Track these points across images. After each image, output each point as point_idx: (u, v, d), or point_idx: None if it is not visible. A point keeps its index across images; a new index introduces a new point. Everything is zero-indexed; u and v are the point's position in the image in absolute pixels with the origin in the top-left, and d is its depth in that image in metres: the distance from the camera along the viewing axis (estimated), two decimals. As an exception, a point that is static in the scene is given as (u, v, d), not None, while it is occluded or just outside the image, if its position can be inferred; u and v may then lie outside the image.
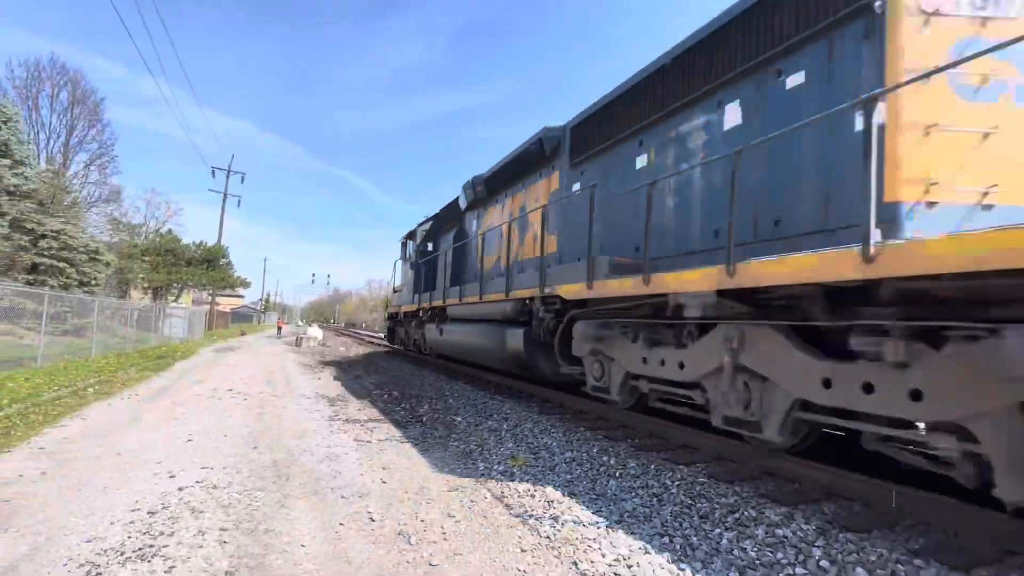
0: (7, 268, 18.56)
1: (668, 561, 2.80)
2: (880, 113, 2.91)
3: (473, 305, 9.01)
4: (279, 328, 38.71)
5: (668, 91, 5.41)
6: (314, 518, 3.35)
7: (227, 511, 3.39)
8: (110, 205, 31.91)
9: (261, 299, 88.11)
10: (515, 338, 7.37)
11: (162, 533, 3.00)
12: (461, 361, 11.55)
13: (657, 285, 4.44)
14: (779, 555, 2.80)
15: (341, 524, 3.27)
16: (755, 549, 2.88)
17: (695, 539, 3.06)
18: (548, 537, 3.17)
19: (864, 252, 2.77)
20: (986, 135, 3.28)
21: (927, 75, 2.85)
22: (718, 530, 3.15)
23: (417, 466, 4.65)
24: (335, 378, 11.48)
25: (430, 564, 2.78)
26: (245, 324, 55.53)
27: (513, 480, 4.26)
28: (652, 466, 4.40)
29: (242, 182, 38.89)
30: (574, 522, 3.36)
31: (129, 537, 2.94)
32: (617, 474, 4.29)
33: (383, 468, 4.53)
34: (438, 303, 11.09)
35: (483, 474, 4.47)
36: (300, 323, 54.10)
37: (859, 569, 2.59)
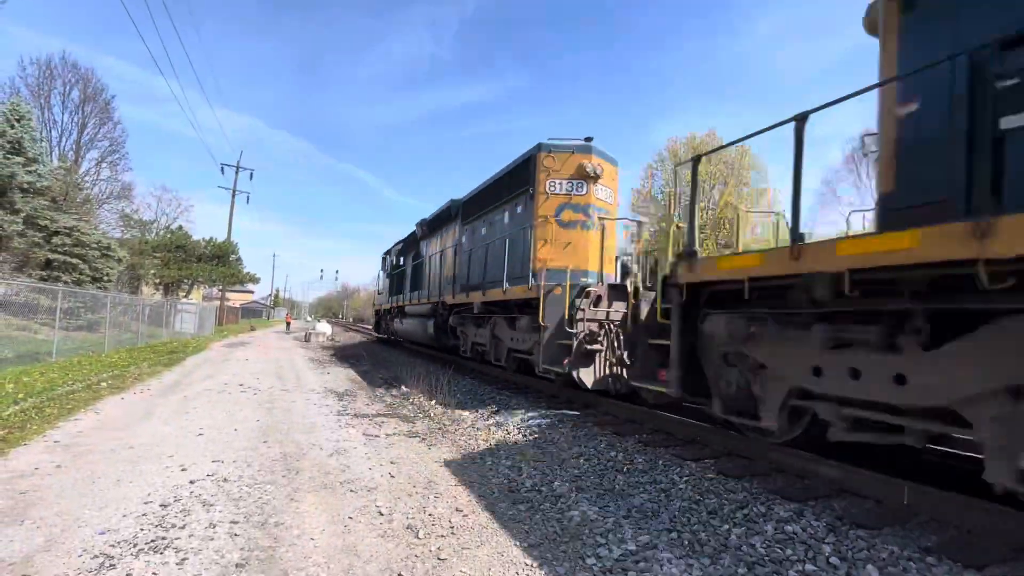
0: (22, 264, 18.84)
1: (676, 557, 2.79)
2: (530, 232, 8.22)
3: (415, 305, 14.93)
4: (287, 324, 39.15)
5: (490, 198, 10.25)
6: (323, 512, 3.38)
7: (238, 504, 3.43)
8: (121, 202, 32.21)
9: (270, 295, 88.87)
10: (430, 326, 12.98)
11: (174, 526, 3.04)
12: (409, 341, 17.99)
13: (508, 293, 8.24)
14: (788, 551, 2.78)
15: (350, 518, 3.29)
16: (764, 545, 2.87)
17: (703, 535, 3.04)
18: (556, 532, 3.17)
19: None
20: (567, 244, 8.11)
21: (548, 218, 8.14)
22: (727, 526, 3.13)
23: (425, 460, 4.67)
24: (343, 373, 11.56)
25: (438, 558, 2.80)
26: (255, 320, 56.05)
27: (521, 475, 4.26)
28: (660, 461, 4.39)
29: (251, 179, 39.03)
30: (581, 517, 3.36)
31: (142, 529, 2.98)
32: (625, 469, 4.28)
33: (391, 462, 4.56)
34: (401, 303, 16.87)
35: (491, 469, 4.48)
36: (309, 319, 54.40)
37: (870, 566, 2.56)
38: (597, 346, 6.39)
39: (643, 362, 5.26)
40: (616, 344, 6.45)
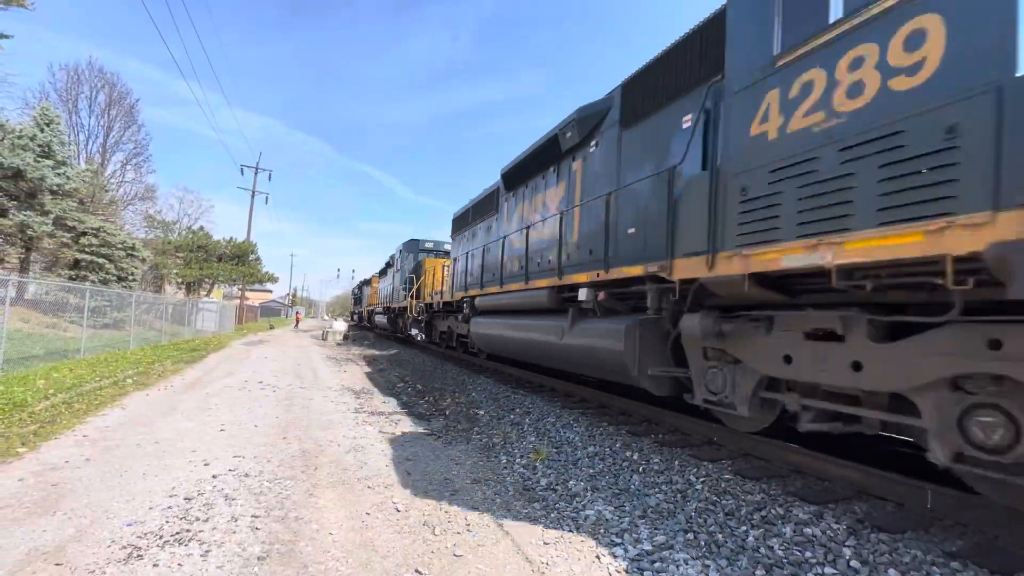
0: (51, 264, 19.44)
1: (692, 558, 2.77)
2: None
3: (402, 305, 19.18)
4: (296, 321, 40.45)
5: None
6: (341, 507, 3.44)
7: (258, 499, 3.50)
8: (145, 203, 33.09)
9: (288, 294, 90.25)
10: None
11: (198, 519, 3.12)
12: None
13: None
14: (807, 554, 2.75)
15: (367, 513, 3.34)
16: (782, 547, 2.83)
17: (720, 536, 3.02)
18: (571, 531, 3.18)
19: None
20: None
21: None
22: (744, 527, 3.10)
23: (441, 458, 4.71)
24: (360, 371, 11.70)
25: (454, 555, 2.83)
26: (273, 318, 56.92)
27: (536, 474, 4.28)
28: (676, 462, 4.36)
29: (269, 179, 39.95)
30: (597, 516, 3.36)
31: (167, 522, 3.06)
32: (640, 469, 4.26)
33: (407, 460, 4.60)
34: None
35: (506, 467, 4.50)
36: (326, 317, 55.07)
37: (892, 570, 2.52)
38: None
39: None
40: None
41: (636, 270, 5.00)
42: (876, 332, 3.18)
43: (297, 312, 49.28)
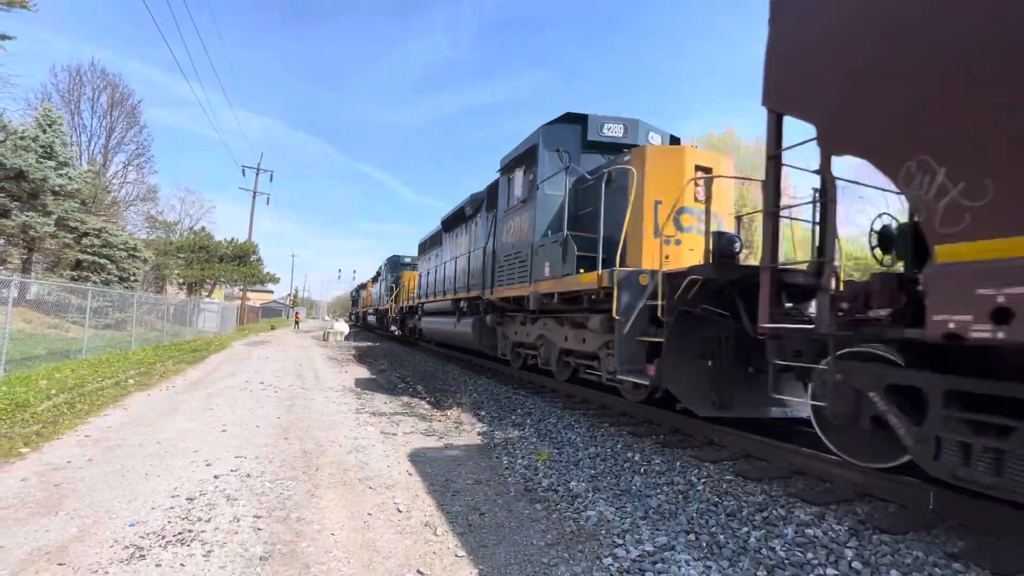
0: (54, 264, 19.50)
1: (694, 559, 2.77)
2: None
3: (385, 308, 23.72)
4: (296, 322, 40.87)
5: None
6: (343, 507, 3.44)
7: (260, 499, 3.51)
8: (147, 203, 33.20)
9: (290, 294, 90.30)
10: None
11: (200, 519, 3.13)
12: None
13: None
14: (809, 555, 2.75)
15: (369, 514, 3.35)
16: (784, 549, 2.83)
17: (722, 537, 3.02)
18: (572, 532, 3.18)
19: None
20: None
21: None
22: (745, 528, 3.10)
23: (442, 459, 4.71)
24: (361, 372, 11.71)
25: (456, 555, 2.83)
26: (274, 319, 57.00)
27: (537, 474, 4.28)
28: (678, 463, 4.36)
29: (271, 180, 40.08)
30: (598, 517, 3.36)
31: (169, 522, 3.07)
32: (642, 470, 4.26)
33: (409, 460, 4.61)
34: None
35: (507, 468, 4.51)
36: (327, 318, 55.23)
37: (894, 571, 2.52)
38: None
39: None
40: None
41: (476, 293, 10.17)
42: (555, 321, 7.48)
43: (297, 313, 49.45)
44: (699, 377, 4.66)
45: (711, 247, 4.57)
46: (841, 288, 3.64)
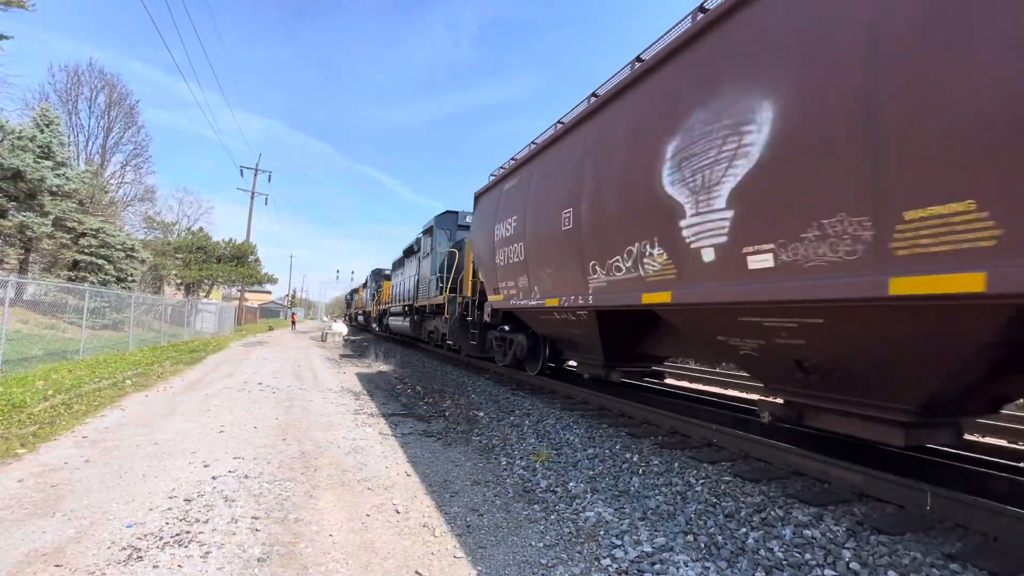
0: (51, 265, 19.43)
1: (692, 559, 2.78)
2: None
3: (370, 310, 29.21)
4: (292, 323, 41.08)
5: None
6: (341, 509, 3.43)
7: (258, 500, 3.50)
8: (145, 204, 33.10)
9: (288, 295, 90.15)
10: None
11: (198, 520, 3.12)
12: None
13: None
14: (807, 556, 2.75)
15: (367, 515, 3.34)
16: (782, 549, 2.84)
17: (720, 538, 3.02)
18: (571, 533, 3.18)
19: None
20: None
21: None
22: (744, 529, 3.10)
23: (440, 460, 4.71)
24: (359, 372, 11.70)
25: (454, 556, 2.83)
26: (272, 319, 56.89)
27: (536, 475, 4.28)
28: (676, 464, 4.36)
29: (269, 181, 40.04)
30: (597, 518, 3.36)
31: (167, 523, 3.06)
32: (640, 471, 4.27)
33: (407, 461, 4.60)
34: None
35: (506, 469, 4.50)
36: (325, 319, 55.28)
37: (891, 572, 2.52)
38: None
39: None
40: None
41: (411, 302, 16.04)
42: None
43: (293, 313, 49.51)
44: (469, 342, 10.70)
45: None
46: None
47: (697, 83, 3.84)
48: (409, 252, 17.42)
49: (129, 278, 20.80)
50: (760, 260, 3.27)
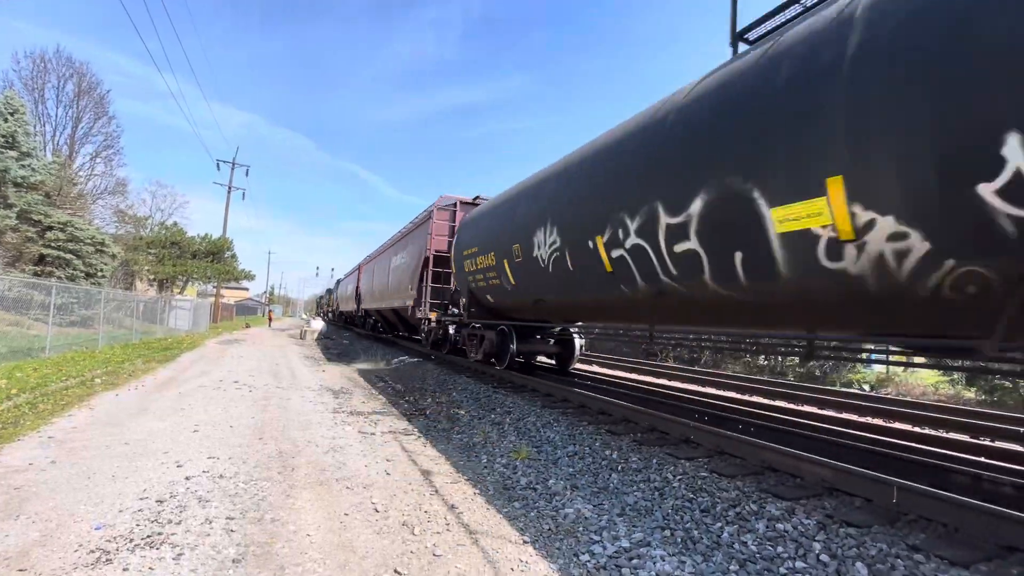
0: (15, 259, 18.70)
1: (669, 554, 2.82)
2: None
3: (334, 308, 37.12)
4: (269, 320, 40.59)
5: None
6: (319, 508, 3.40)
7: (234, 500, 3.44)
8: (116, 197, 32.05)
9: (265, 292, 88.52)
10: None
11: (170, 521, 3.05)
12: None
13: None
14: (779, 549, 2.82)
15: (346, 514, 3.31)
16: (756, 543, 2.90)
17: (696, 532, 3.08)
18: (550, 529, 3.20)
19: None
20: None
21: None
22: (719, 524, 3.17)
23: (420, 458, 4.69)
24: (338, 370, 11.56)
25: (434, 554, 2.82)
26: (250, 317, 55.84)
27: (516, 473, 4.29)
28: (654, 460, 4.42)
29: (247, 175, 38.96)
30: (576, 515, 3.39)
31: (138, 525, 2.98)
32: (619, 468, 4.32)
33: (387, 460, 4.57)
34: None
35: (486, 467, 4.51)
36: (304, 316, 54.63)
37: (859, 563, 2.61)
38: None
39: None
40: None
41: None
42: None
43: (270, 311, 48.75)
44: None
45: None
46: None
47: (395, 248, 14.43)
48: (348, 274, 26.20)
49: (99, 273, 20.17)
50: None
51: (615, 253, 5.07)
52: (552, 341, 9.56)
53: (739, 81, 3.88)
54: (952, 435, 5.38)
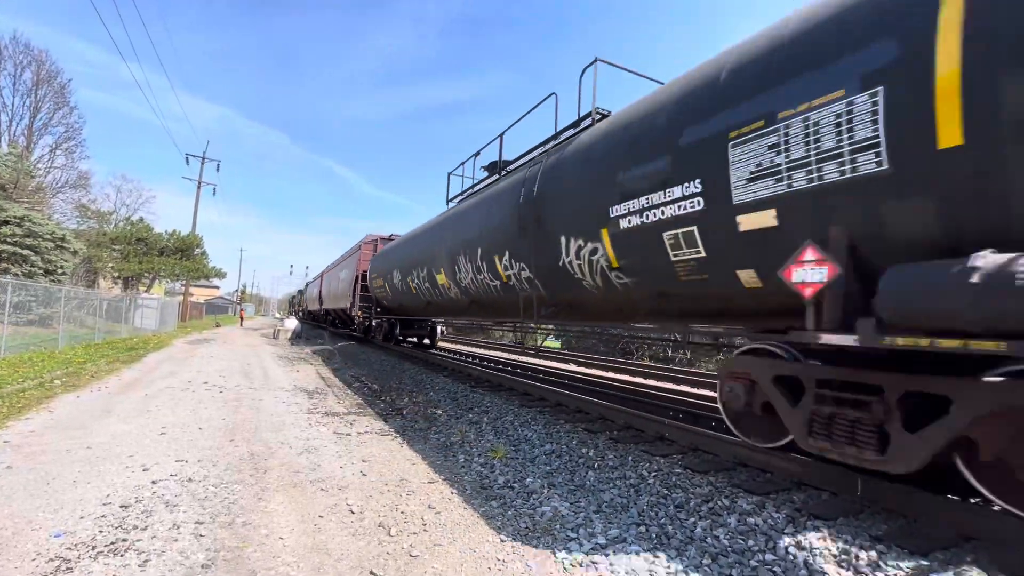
0: (-34, 255, 17.77)
1: (644, 549, 2.87)
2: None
3: (304, 307, 39.26)
4: (240, 319, 39.98)
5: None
6: (293, 511, 3.33)
7: (203, 504, 3.34)
8: (77, 191, 30.81)
9: (237, 290, 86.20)
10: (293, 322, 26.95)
11: (135, 527, 2.95)
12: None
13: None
14: (750, 542, 2.90)
15: (320, 516, 3.26)
16: (727, 537, 2.97)
17: (670, 528, 3.13)
18: (528, 528, 3.21)
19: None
20: None
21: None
22: (692, 519, 3.23)
23: (397, 459, 4.65)
24: (313, 370, 11.36)
25: (410, 555, 2.80)
26: (220, 316, 54.43)
27: (493, 472, 4.29)
28: (630, 457, 4.48)
29: (218, 170, 37.70)
30: (553, 513, 3.41)
31: (101, 531, 2.88)
32: (596, 465, 4.36)
33: (363, 461, 4.52)
34: (304, 308, 39.57)
35: (463, 466, 4.50)
36: (278, 315, 53.61)
37: (825, 554, 2.69)
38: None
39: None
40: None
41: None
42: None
43: (241, 310, 47.62)
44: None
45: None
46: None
47: (342, 266, 19.80)
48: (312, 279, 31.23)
49: (59, 271, 19.34)
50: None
51: (421, 282, 10.15)
52: (421, 328, 16.19)
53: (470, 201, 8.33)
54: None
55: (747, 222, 3.29)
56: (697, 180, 3.58)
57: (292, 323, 24.76)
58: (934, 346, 2.42)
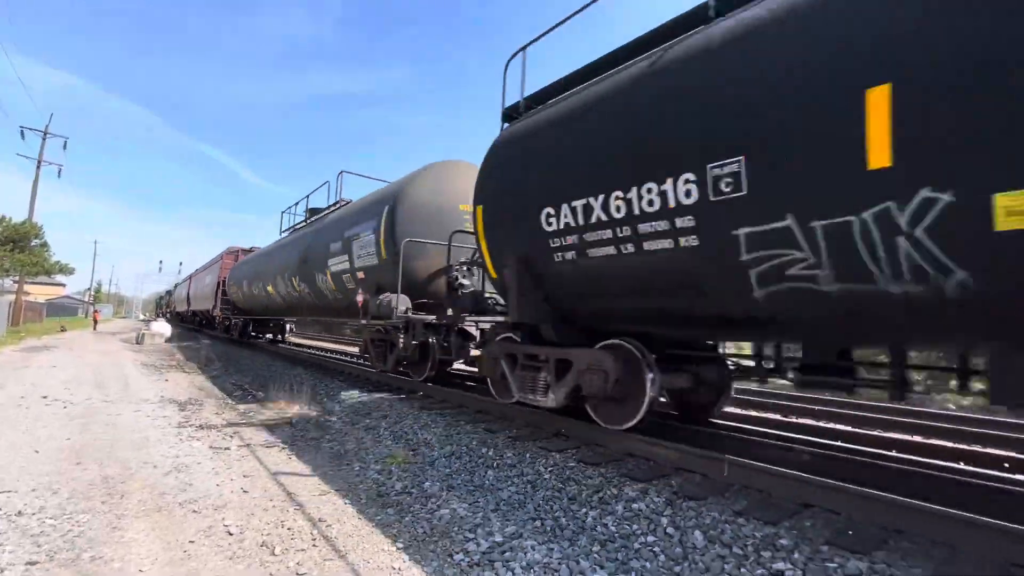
0: None
1: (539, 543, 2.96)
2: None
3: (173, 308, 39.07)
4: (95, 321, 35.01)
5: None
6: (156, 538, 2.96)
7: (37, 541, 2.84)
8: None
9: (90, 288, 74.34)
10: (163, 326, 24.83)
11: (-61, 577, 2.42)
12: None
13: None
14: (635, 527, 3.12)
15: (191, 542, 2.93)
16: (615, 524, 3.18)
17: (564, 520, 3.27)
18: (425, 532, 3.17)
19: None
20: None
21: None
22: (584, 509, 3.41)
23: (285, 472, 4.33)
24: (187, 379, 10.18)
25: (297, 573, 2.62)
26: (67, 318, 46.77)
27: (390, 478, 4.17)
28: (527, 455, 4.60)
29: (64, 148, 31.86)
30: (451, 515, 3.40)
31: None
32: (495, 464, 4.41)
33: (244, 476, 4.14)
34: (172, 309, 39.06)
35: (359, 474, 4.31)
36: (142, 317, 47.41)
37: (697, 532, 2.99)
38: None
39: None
40: None
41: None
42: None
43: (95, 311, 41.33)
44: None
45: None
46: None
47: (207, 271, 23.40)
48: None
49: None
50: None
51: (260, 290, 14.41)
52: (275, 326, 18.83)
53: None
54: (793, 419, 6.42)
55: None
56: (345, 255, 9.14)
57: (161, 326, 21.99)
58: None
